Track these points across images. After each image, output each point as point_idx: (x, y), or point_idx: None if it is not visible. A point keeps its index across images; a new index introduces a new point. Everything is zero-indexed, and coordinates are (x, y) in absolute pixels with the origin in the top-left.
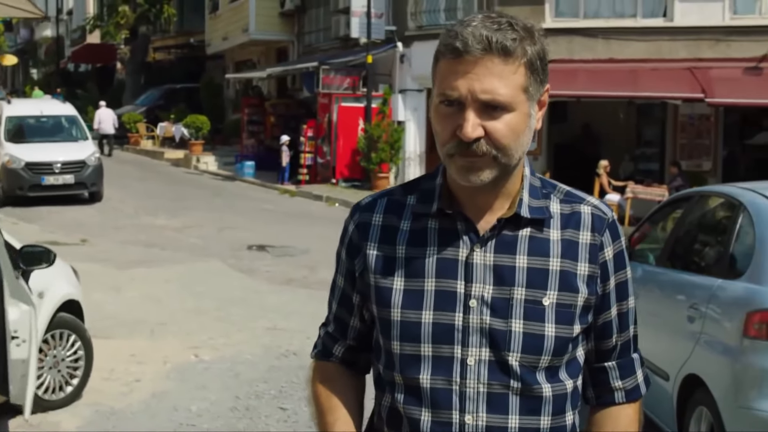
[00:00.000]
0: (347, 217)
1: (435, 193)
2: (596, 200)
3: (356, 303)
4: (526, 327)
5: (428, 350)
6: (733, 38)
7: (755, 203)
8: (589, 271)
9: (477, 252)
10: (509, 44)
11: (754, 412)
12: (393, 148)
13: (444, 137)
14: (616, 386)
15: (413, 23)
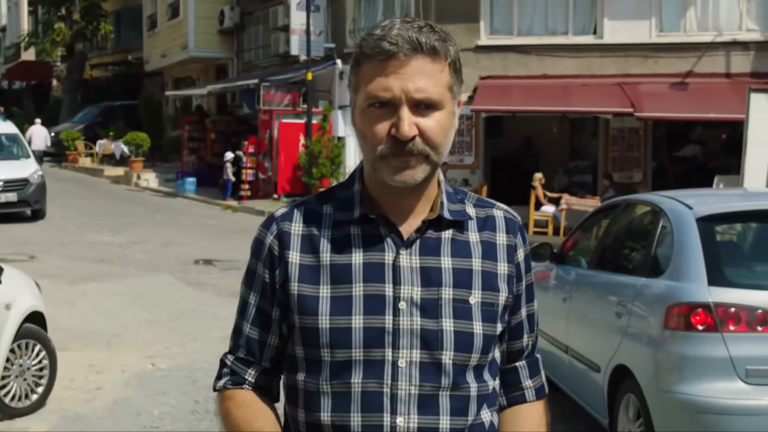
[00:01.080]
0: (260, 229)
1: (354, 199)
2: (504, 205)
3: (276, 317)
4: (456, 325)
5: (360, 355)
6: (660, 55)
7: (674, 210)
8: (508, 271)
9: (403, 255)
10: (437, 44)
11: (675, 395)
12: (333, 163)
13: (376, 139)
14: (526, 385)
15: (352, 41)
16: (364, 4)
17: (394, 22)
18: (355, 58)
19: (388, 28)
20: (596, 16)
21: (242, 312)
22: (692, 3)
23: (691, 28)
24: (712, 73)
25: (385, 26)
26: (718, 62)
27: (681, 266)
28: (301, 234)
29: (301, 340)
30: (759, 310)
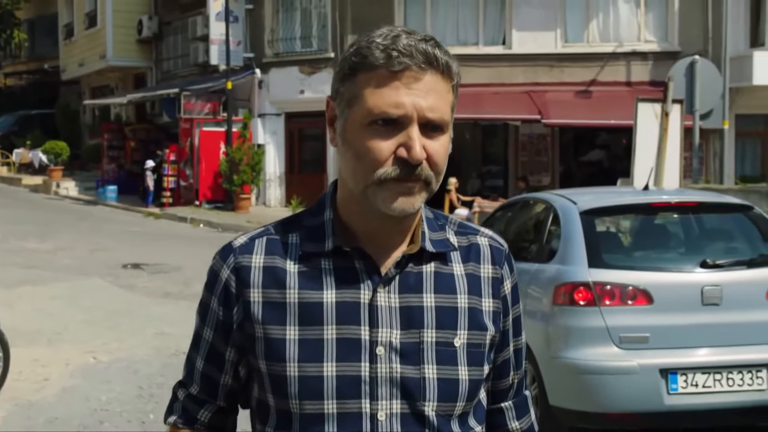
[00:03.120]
0: (215, 261)
1: (326, 229)
2: (489, 231)
3: (230, 359)
4: (440, 372)
5: (333, 407)
6: (566, 64)
7: (563, 205)
8: (494, 307)
9: (381, 293)
10: (450, 61)
11: (561, 360)
12: (254, 170)
13: (377, 162)
14: (513, 427)
15: (270, 50)
16: (282, 15)
17: (397, 32)
18: (350, 66)
19: (392, 37)
20: (505, 27)
21: (196, 344)
22: (594, 16)
23: (593, 40)
24: (614, 82)
25: (386, 35)
26: (619, 71)
27: (567, 252)
28: (263, 267)
29: (270, 389)
30: (630, 287)
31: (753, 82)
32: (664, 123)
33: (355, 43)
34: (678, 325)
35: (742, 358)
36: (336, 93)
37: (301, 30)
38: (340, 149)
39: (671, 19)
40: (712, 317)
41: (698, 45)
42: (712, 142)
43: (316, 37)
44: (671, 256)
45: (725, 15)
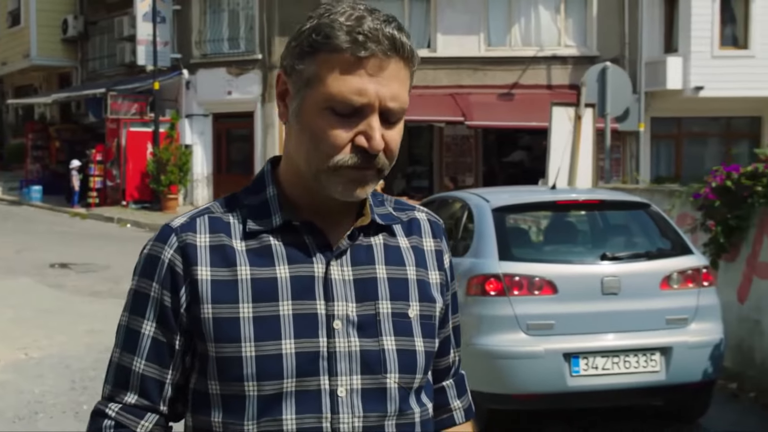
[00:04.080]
0: (152, 245)
1: (270, 205)
2: (424, 207)
3: (179, 348)
4: (398, 343)
5: (291, 385)
6: (489, 67)
7: (477, 204)
8: (440, 279)
9: (334, 266)
10: (413, 47)
11: (475, 347)
12: (181, 170)
13: (334, 148)
14: (455, 406)
15: (198, 51)
16: (210, 16)
17: (360, 11)
18: (309, 44)
19: (356, 17)
20: (430, 31)
21: (130, 347)
22: (516, 21)
23: (516, 44)
24: (535, 85)
25: (349, 14)
26: (540, 75)
27: (479, 247)
28: (209, 245)
29: (217, 374)
30: (536, 278)
31: (667, 86)
32: (577, 126)
33: (315, 17)
34: (580, 313)
35: (637, 343)
36: (291, 69)
37: (228, 31)
38: (292, 128)
39: (590, 25)
40: (611, 305)
41: (615, 50)
42: (629, 144)
43: (243, 38)
44: (575, 249)
45: (641, 22)
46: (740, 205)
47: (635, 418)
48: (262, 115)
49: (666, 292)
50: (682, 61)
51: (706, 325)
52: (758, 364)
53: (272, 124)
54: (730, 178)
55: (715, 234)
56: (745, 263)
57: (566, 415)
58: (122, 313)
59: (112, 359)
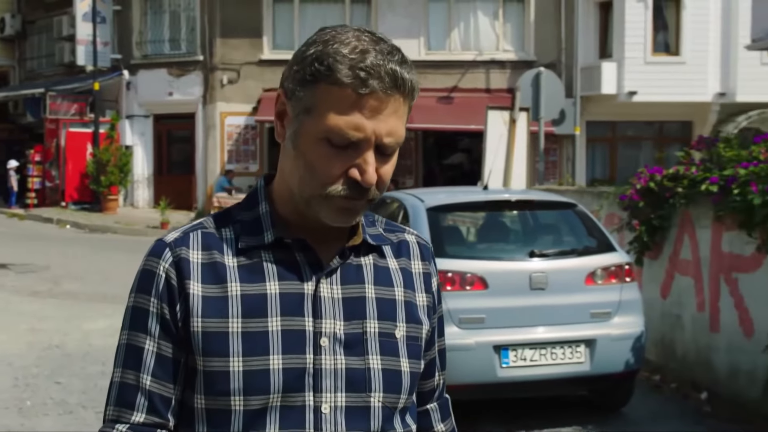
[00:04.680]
0: (148, 260)
1: (263, 222)
2: (412, 230)
3: (183, 362)
4: (384, 363)
5: (277, 400)
6: (429, 71)
7: (412, 204)
8: (427, 302)
9: (324, 284)
10: (414, 81)
11: None
12: (122, 171)
13: (329, 178)
14: (438, 429)
15: (138, 52)
16: (151, 17)
17: (364, 44)
18: (311, 73)
19: (360, 51)
20: None
21: (134, 364)
22: (456, 25)
23: (455, 48)
24: (474, 89)
25: (353, 47)
26: (479, 79)
27: None
28: (201, 263)
29: (204, 388)
30: (468, 274)
31: (602, 90)
32: (511, 129)
33: (319, 42)
34: (509, 307)
35: (563, 336)
36: (291, 93)
37: (169, 32)
38: (287, 151)
39: (527, 31)
40: (539, 300)
41: (552, 55)
42: (565, 147)
43: (185, 40)
44: (506, 247)
45: (576, 28)
46: (663, 205)
47: (562, 408)
48: (203, 116)
49: (590, 287)
50: (617, 66)
51: (628, 319)
52: (679, 356)
53: (213, 125)
54: (653, 180)
55: (639, 233)
56: (667, 261)
57: (499, 405)
58: (121, 332)
59: (114, 380)
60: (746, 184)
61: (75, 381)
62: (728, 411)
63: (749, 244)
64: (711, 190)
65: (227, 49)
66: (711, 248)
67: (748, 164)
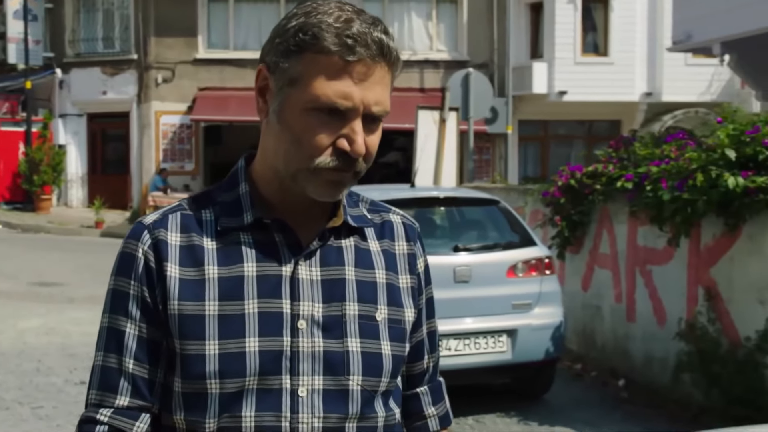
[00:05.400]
0: (127, 241)
1: (243, 202)
2: (399, 210)
3: (164, 344)
4: (363, 346)
5: (253, 383)
6: None
7: None
8: (411, 283)
9: (302, 266)
10: (399, 54)
11: None
12: (55, 170)
13: (316, 150)
14: (429, 413)
15: (71, 50)
16: (84, 15)
17: (348, 13)
18: (296, 42)
19: (345, 20)
20: None
21: (116, 347)
22: (390, 26)
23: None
24: (409, 88)
25: (337, 16)
26: (414, 78)
27: None
28: (179, 245)
29: (181, 372)
30: None
31: (533, 90)
32: (441, 129)
33: (300, 14)
34: (435, 300)
35: (486, 326)
36: (275, 66)
37: (103, 31)
38: (271, 126)
39: (460, 31)
40: (463, 292)
41: (485, 55)
42: (498, 146)
43: (118, 38)
44: (432, 242)
45: (508, 29)
46: (582, 201)
47: (487, 395)
48: (138, 115)
49: (512, 279)
50: (547, 66)
51: (548, 309)
52: (599, 346)
53: (148, 124)
54: (573, 177)
55: (561, 228)
56: (587, 255)
57: None
58: (102, 315)
59: (96, 364)
60: (657, 181)
61: (10, 378)
62: (644, 396)
63: (661, 238)
64: (626, 186)
65: (162, 48)
66: (627, 242)
67: (659, 162)
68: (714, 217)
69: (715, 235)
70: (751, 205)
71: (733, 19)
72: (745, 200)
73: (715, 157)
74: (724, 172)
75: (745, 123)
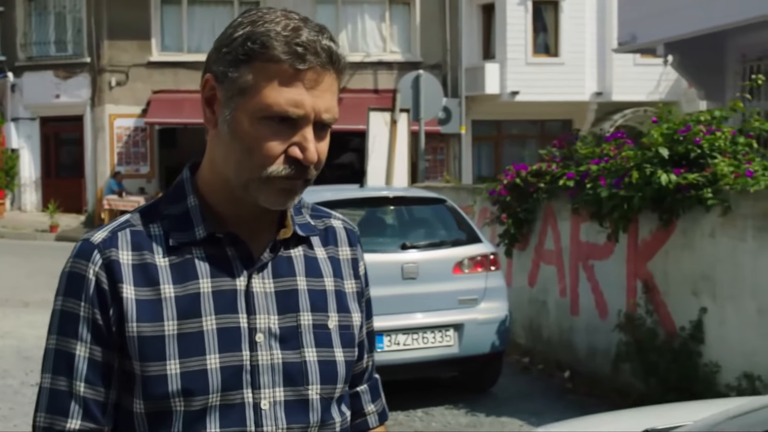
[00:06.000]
0: (75, 261)
1: (193, 216)
2: (339, 214)
3: (116, 366)
4: (319, 355)
5: (216, 399)
6: None
7: None
8: (356, 287)
9: (256, 279)
10: (346, 62)
11: None
12: (8, 175)
13: (268, 158)
14: (369, 410)
15: (23, 54)
16: (36, 19)
17: (295, 22)
18: (245, 51)
19: (293, 28)
20: None
21: (65, 370)
22: (344, 27)
23: (343, 49)
24: (363, 90)
25: (285, 25)
26: (367, 80)
27: None
28: (132, 264)
29: (143, 393)
30: None
31: (485, 90)
32: (392, 130)
33: (246, 23)
34: (384, 296)
35: (434, 321)
36: (223, 75)
37: (55, 34)
38: (222, 136)
39: (413, 33)
40: (411, 289)
41: (438, 56)
42: (452, 146)
43: (71, 41)
44: (381, 240)
45: (460, 30)
46: (527, 199)
47: (436, 389)
48: (91, 118)
49: (458, 276)
50: (499, 67)
51: (493, 304)
52: (545, 339)
53: (102, 127)
54: (519, 176)
55: (508, 226)
56: (533, 251)
57: None
58: (48, 336)
59: (43, 386)
60: (597, 178)
61: None
62: (587, 386)
63: (601, 234)
64: (568, 185)
65: (115, 50)
66: (570, 238)
67: (599, 161)
68: (650, 212)
69: (651, 230)
70: (684, 201)
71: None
72: (677, 196)
73: (650, 155)
74: (658, 170)
75: (678, 122)
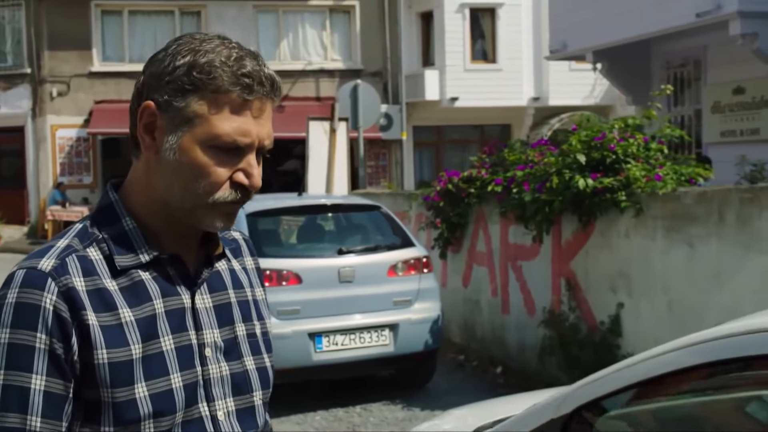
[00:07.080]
0: (25, 290)
1: (134, 239)
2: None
3: (71, 398)
4: (256, 362)
5: (180, 417)
6: None
7: None
8: (263, 294)
9: (197, 296)
10: (281, 87)
11: None
12: None
13: (217, 185)
14: None
15: None
16: None
17: (236, 52)
18: (190, 81)
19: (235, 58)
20: None
21: (18, 406)
22: (285, 36)
23: (285, 58)
24: (305, 97)
25: (228, 55)
26: (309, 87)
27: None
28: (87, 290)
29: (113, 419)
30: (284, 271)
31: (425, 97)
32: (332, 138)
33: (186, 54)
34: (322, 299)
35: (370, 322)
36: (167, 104)
37: None
38: (165, 163)
39: (354, 41)
40: (348, 291)
41: (378, 64)
42: (394, 152)
43: (10, 52)
44: (318, 246)
45: (400, 38)
46: (460, 204)
47: (373, 386)
48: (33, 129)
49: (392, 278)
50: (439, 74)
51: (427, 305)
52: (479, 337)
53: (44, 138)
54: (451, 182)
55: (441, 230)
56: (466, 253)
57: (316, 386)
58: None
59: None
60: (522, 183)
61: None
62: (517, 380)
63: (528, 236)
64: (496, 190)
65: (56, 61)
66: (500, 240)
67: (524, 167)
68: (570, 215)
69: (572, 231)
70: (600, 204)
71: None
72: (594, 199)
73: (569, 161)
74: (576, 175)
75: (596, 130)
